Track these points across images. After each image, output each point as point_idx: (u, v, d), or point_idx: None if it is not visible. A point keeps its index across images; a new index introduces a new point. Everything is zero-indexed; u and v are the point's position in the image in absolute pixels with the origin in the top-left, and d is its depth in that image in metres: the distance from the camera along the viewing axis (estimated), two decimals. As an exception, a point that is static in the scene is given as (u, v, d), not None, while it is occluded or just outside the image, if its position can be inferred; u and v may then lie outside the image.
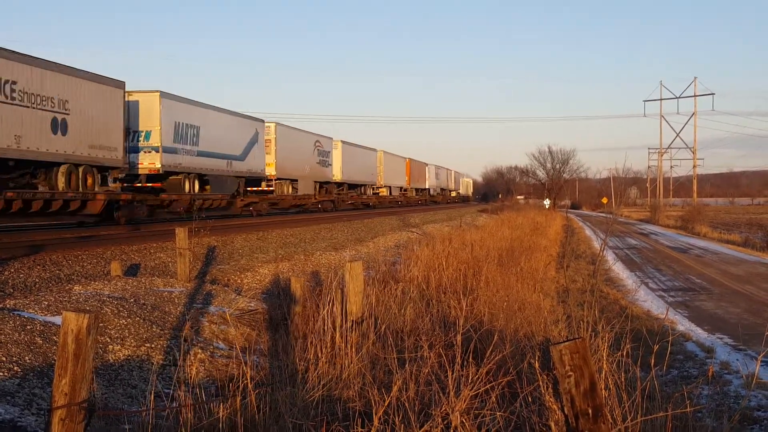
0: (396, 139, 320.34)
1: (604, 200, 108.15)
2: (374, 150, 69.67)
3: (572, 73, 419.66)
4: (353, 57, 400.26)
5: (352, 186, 63.27)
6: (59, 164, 24.14)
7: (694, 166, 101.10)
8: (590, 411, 4.31)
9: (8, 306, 9.54)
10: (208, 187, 35.17)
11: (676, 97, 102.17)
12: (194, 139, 33.77)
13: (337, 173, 57.12)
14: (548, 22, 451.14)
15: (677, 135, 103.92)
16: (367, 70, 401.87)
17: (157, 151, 30.66)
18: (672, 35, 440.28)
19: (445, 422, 5.61)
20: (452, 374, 5.99)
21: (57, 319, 8.90)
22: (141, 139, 30.51)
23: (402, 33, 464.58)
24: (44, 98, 23.16)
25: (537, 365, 5.62)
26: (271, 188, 43.56)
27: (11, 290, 11.63)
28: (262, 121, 42.93)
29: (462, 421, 5.54)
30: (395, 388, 6.00)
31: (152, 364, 8.48)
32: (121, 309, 10.00)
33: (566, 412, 4.39)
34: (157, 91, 30.85)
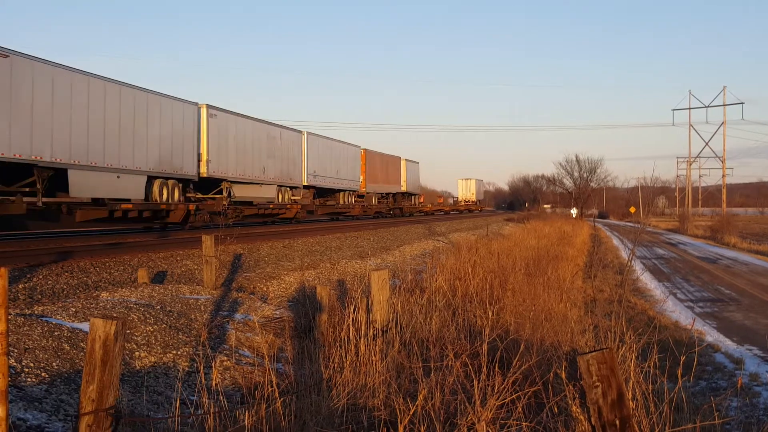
0: (420, 147, 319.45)
1: (632, 210, 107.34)
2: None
3: (600, 82, 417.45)
4: (369, 64, 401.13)
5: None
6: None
7: (723, 176, 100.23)
8: (618, 422, 4.27)
9: (36, 312, 9.62)
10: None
11: (705, 107, 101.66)
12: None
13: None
14: (575, 30, 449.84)
15: (706, 144, 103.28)
16: (388, 77, 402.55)
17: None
18: (701, 44, 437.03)
19: (470, 432, 5.58)
20: (478, 383, 5.95)
21: (84, 326, 8.96)
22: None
23: (427, 40, 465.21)
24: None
25: (564, 375, 5.57)
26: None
27: (39, 296, 11.75)
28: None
29: (488, 431, 5.51)
30: (420, 397, 5.97)
31: (178, 371, 8.50)
32: (147, 316, 10.05)
33: (593, 423, 4.34)
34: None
